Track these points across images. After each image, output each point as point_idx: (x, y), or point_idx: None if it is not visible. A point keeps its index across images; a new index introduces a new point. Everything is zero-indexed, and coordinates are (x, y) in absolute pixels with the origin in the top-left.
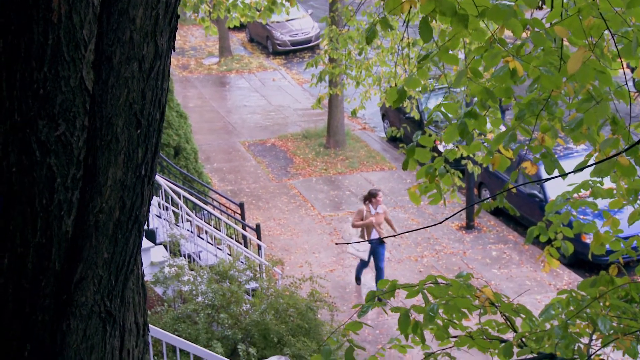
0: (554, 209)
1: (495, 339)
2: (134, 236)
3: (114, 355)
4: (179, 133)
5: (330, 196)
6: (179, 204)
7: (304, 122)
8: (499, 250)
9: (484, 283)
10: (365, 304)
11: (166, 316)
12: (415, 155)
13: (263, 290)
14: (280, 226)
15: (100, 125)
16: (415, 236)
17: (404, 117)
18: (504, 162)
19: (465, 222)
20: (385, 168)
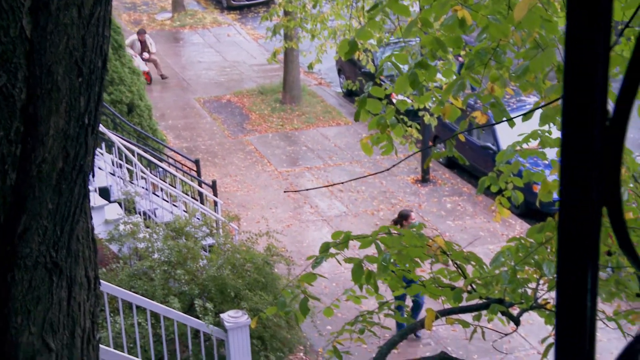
0: (505, 159)
1: (446, 287)
2: (79, 186)
3: (62, 307)
4: (132, 90)
5: (286, 152)
6: (133, 161)
7: (260, 78)
8: (454, 202)
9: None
10: (319, 256)
11: (122, 273)
12: (367, 106)
13: (220, 246)
14: (237, 182)
15: (40, 74)
16: (372, 190)
17: (360, 71)
18: (454, 112)
19: (421, 176)
20: (341, 123)
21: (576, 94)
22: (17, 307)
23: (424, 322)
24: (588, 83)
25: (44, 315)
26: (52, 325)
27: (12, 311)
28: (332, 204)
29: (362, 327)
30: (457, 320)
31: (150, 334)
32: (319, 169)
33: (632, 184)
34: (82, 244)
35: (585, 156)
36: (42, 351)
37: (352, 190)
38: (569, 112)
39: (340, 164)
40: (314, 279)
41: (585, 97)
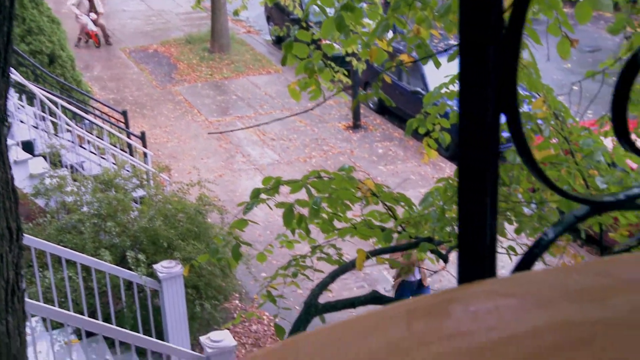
0: (431, 101)
1: (377, 228)
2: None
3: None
4: (52, 40)
5: (217, 101)
6: (57, 113)
7: (187, 26)
8: (385, 147)
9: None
10: (250, 202)
11: (49, 228)
12: (294, 51)
13: (151, 197)
14: (167, 133)
15: None
16: (303, 138)
17: (289, 17)
18: (380, 55)
19: (352, 122)
20: (271, 71)
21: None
22: None
23: (355, 262)
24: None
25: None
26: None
27: None
28: (264, 152)
29: (295, 271)
30: (387, 260)
31: (81, 287)
32: (250, 117)
33: (554, 121)
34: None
35: (481, 63)
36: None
37: (284, 139)
38: (464, 19)
39: (271, 112)
40: (245, 225)
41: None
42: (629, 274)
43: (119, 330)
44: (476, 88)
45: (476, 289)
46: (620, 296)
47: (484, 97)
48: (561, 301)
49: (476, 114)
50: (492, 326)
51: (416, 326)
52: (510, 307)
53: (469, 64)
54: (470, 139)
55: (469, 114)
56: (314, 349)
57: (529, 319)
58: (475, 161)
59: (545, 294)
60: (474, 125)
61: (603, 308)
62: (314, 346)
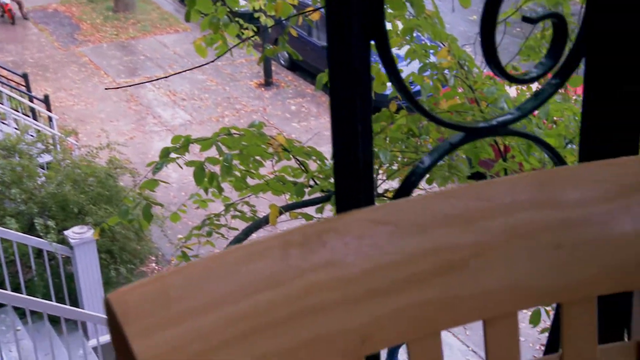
0: None
1: (289, 183)
2: None
3: None
4: None
5: (124, 62)
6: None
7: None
8: (298, 104)
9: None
10: (159, 161)
11: None
12: (197, 6)
13: (58, 162)
14: (73, 96)
15: None
16: (215, 97)
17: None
18: (286, 9)
19: (264, 80)
20: (179, 30)
21: None
22: None
23: (268, 218)
24: None
25: None
26: None
27: None
28: (176, 112)
29: (210, 230)
30: (300, 214)
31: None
32: None
33: (458, 70)
34: None
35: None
36: None
37: (195, 98)
38: None
39: None
40: (156, 185)
41: None
42: (505, 197)
43: (29, 299)
44: (342, 13)
45: (352, 218)
46: (495, 219)
47: (350, 22)
48: (437, 226)
49: (344, 41)
50: (368, 254)
51: (291, 257)
52: (386, 234)
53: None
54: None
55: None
56: (185, 282)
57: (404, 246)
58: (346, 90)
59: (421, 220)
60: (342, 52)
61: (478, 232)
62: (186, 280)
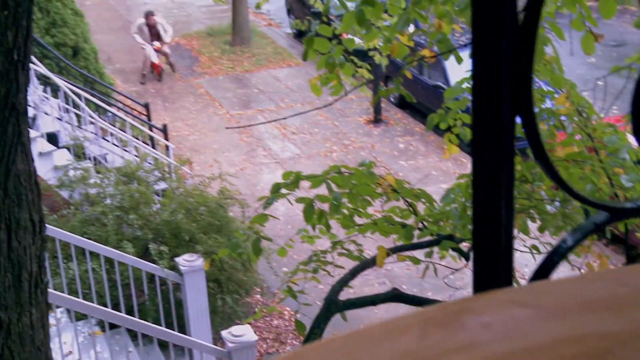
0: (452, 96)
1: (397, 224)
2: (13, 125)
3: (2, 249)
4: (76, 32)
5: (238, 94)
6: (80, 106)
7: (208, 19)
8: (406, 142)
9: (391, 174)
10: (270, 197)
11: (74, 219)
12: (315, 45)
13: (173, 190)
14: (189, 126)
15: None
16: (324, 132)
17: (309, 11)
18: (402, 50)
19: (373, 116)
20: (292, 64)
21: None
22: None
23: (375, 259)
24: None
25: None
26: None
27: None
28: (285, 146)
29: (316, 267)
30: (408, 257)
31: (105, 280)
32: (272, 111)
33: (577, 117)
34: (24, 187)
35: (496, 61)
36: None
37: (305, 133)
38: (477, 13)
39: (292, 105)
40: (266, 220)
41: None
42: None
43: (141, 323)
44: (489, 86)
45: (492, 299)
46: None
47: (498, 96)
48: (579, 312)
49: (489, 115)
50: (507, 337)
51: (429, 337)
52: (527, 317)
53: (482, 60)
54: (483, 140)
55: (482, 115)
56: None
57: (546, 330)
58: (489, 164)
59: (564, 304)
60: (488, 126)
61: (621, 320)
62: (323, 357)
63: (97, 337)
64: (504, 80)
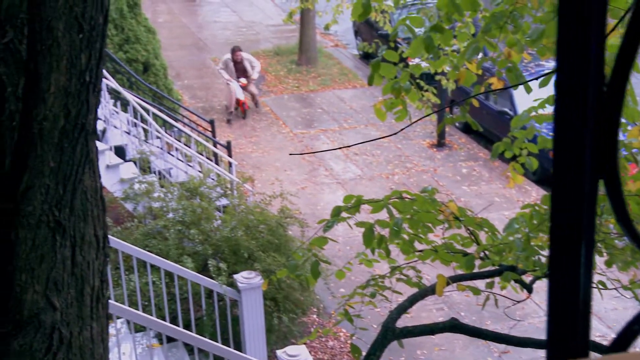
0: (519, 125)
1: (458, 252)
2: (81, 145)
3: (65, 266)
4: (148, 49)
5: (302, 114)
6: (148, 120)
7: (276, 38)
8: (469, 167)
9: (454, 200)
10: (331, 219)
11: (137, 232)
12: (380, 71)
13: (234, 207)
14: (252, 144)
15: (39, 29)
16: (387, 154)
17: (377, 33)
18: (469, 77)
19: (437, 140)
20: (357, 85)
21: (570, 56)
22: (22, 265)
23: (435, 287)
24: (583, 44)
25: (47, 273)
26: (56, 284)
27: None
28: (347, 167)
29: (374, 291)
30: (468, 287)
31: (164, 293)
32: (335, 131)
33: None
34: (90, 203)
35: (580, 124)
36: (46, 309)
37: (367, 154)
38: (562, 76)
39: (355, 126)
40: (325, 243)
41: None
42: None
43: (198, 338)
44: (572, 149)
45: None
46: None
47: (580, 160)
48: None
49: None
50: None
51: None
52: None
53: (565, 124)
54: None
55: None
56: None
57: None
58: (569, 229)
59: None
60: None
61: None
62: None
63: (154, 350)
64: (587, 145)
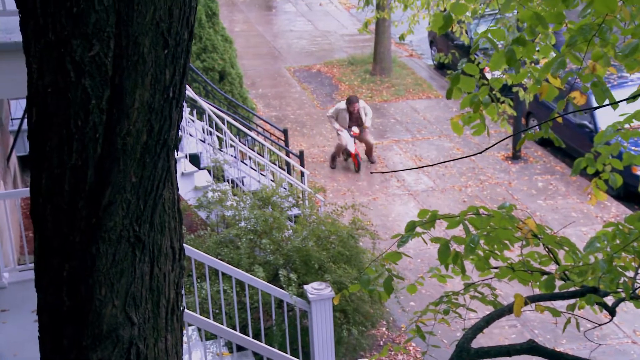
0: (604, 140)
1: (536, 271)
2: (163, 160)
3: (144, 281)
4: (224, 57)
5: (375, 124)
6: (223, 129)
7: (350, 48)
8: (545, 181)
9: (528, 214)
10: (405, 234)
11: (209, 240)
12: (460, 84)
13: (305, 217)
14: (324, 153)
15: (126, 45)
16: (460, 166)
17: (452, 43)
18: (552, 92)
19: (512, 152)
20: (431, 96)
21: None
22: (101, 280)
23: (512, 307)
24: None
25: (127, 288)
26: (134, 300)
27: (96, 283)
28: (419, 178)
29: (447, 308)
30: (547, 308)
31: (235, 302)
32: (407, 142)
33: None
34: (168, 215)
35: None
36: (125, 324)
37: (440, 165)
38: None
39: (428, 137)
40: (399, 258)
41: None
42: None
43: (267, 348)
44: None
45: None
46: None
47: None
48: None
49: None
50: None
51: None
52: None
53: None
54: None
55: None
56: None
57: None
58: None
59: None
60: None
61: None
62: None
63: (224, 358)
64: None
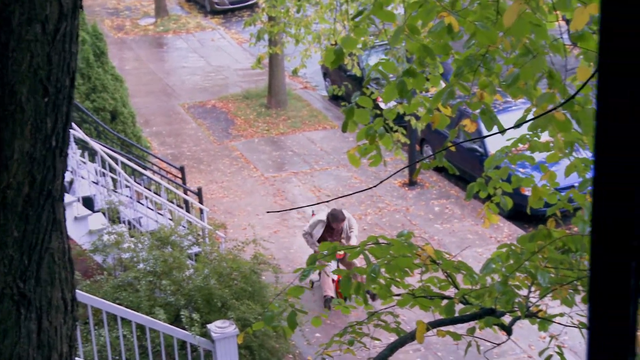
0: (493, 164)
1: (437, 297)
2: (47, 212)
3: (31, 339)
4: (115, 97)
5: (272, 157)
6: (117, 170)
7: (245, 82)
8: (441, 205)
9: (427, 239)
10: (306, 268)
11: (106, 285)
12: (355, 117)
13: (206, 255)
14: (223, 189)
15: (1, 94)
16: (358, 195)
17: (345, 75)
18: (443, 120)
19: (408, 179)
20: (327, 127)
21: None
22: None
23: (414, 334)
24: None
25: (11, 350)
26: None
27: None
28: (319, 208)
29: (352, 339)
30: (448, 333)
31: (136, 347)
32: (306, 173)
33: None
34: (58, 265)
35: (622, 203)
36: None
37: (339, 195)
38: (596, 254)
39: (327, 168)
40: (302, 293)
41: None
42: None
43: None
44: (608, 246)
45: None
46: None
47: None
48: None
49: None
50: None
51: None
52: None
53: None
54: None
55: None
56: None
57: None
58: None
59: None
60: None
61: None
62: None
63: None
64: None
